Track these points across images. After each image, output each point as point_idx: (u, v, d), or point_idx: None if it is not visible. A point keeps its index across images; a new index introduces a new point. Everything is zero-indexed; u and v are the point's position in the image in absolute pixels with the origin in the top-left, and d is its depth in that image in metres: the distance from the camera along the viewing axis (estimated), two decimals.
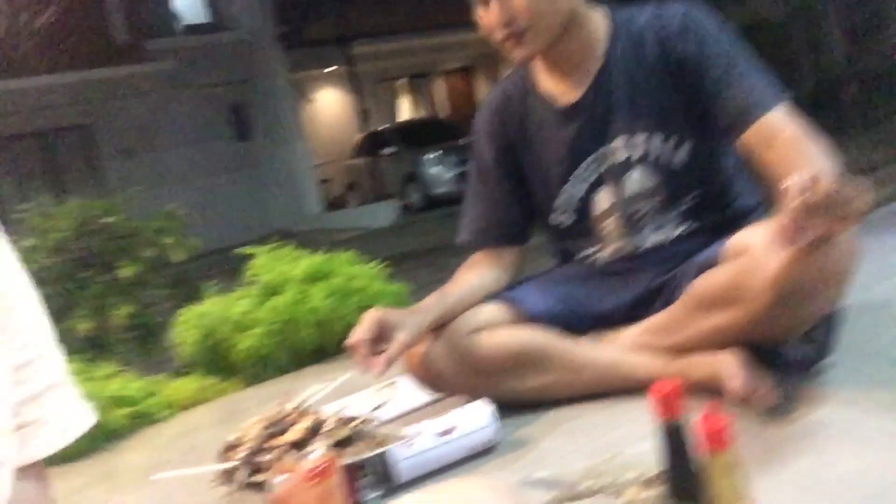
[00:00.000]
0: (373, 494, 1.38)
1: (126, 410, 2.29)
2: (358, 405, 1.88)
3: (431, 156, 13.28)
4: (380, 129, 14.83)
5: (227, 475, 1.24)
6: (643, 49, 1.56)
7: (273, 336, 2.53)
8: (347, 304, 2.63)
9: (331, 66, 16.03)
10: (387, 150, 14.11)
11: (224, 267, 3.33)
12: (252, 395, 2.42)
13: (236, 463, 1.23)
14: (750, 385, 1.31)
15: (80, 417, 0.65)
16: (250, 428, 1.39)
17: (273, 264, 2.78)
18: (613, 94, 1.58)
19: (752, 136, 1.44)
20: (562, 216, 1.70)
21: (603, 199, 1.64)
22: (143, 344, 3.23)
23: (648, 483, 1.13)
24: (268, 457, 1.23)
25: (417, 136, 14.33)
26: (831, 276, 1.26)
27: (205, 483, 1.51)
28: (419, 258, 8.84)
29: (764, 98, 1.45)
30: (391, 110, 17.14)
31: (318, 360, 2.59)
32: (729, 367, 1.35)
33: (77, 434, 0.64)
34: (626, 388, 1.54)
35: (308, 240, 3.84)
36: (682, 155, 1.57)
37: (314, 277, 2.70)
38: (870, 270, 1.49)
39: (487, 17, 1.54)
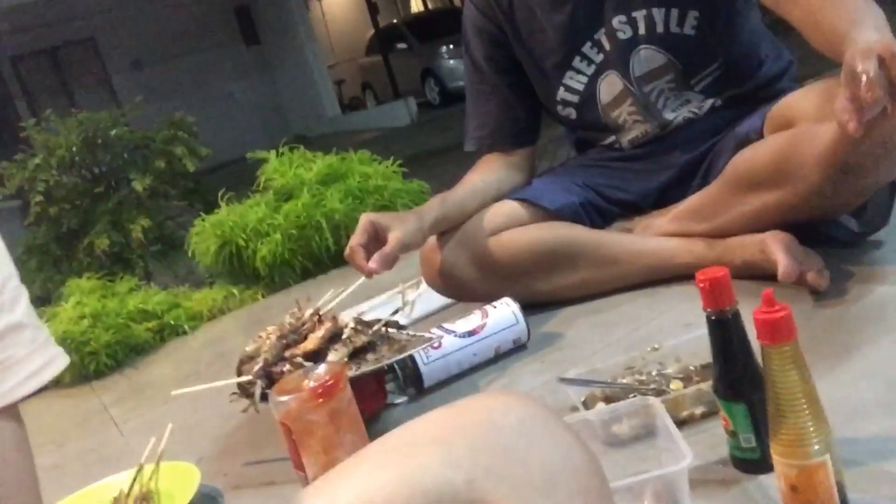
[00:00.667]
0: (401, 399, 1.34)
1: (150, 324, 2.25)
2: (380, 308, 1.83)
3: (447, 49, 12.85)
4: (392, 23, 14.35)
5: (245, 389, 1.18)
6: None
7: (291, 241, 2.46)
8: (365, 204, 2.54)
9: None
10: (400, 46, 13.68)
11: (242, 177, 3.25)
12: (274, 303, 2.38)
13: (251, 378, 1.17)
14: (799, 267, 1.21)
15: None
16: (266, 338, 1.32)
17: (286, 168, 2.68)
18: None
19: None
20: (568, 109, 1.58)
21: (610, 86, 1.52)
22: (164, 257, 3.19)
23: (693, 376, 1.06)
24: (286, 368, 1.17)
25: (432, 28, 13.82)
26: (890, 146, 1.13)
27: (226, 396, 1.48)
28: (439, 156, 8.69)
29: None
30: (403, 2, 16.52)
31: (338, 264, 2.52)
32: (776, 249, 1.24)
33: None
34: (662, 277, 1.46)
35: (326, 144, 3.71)
36: (688, 27, 1.43)
37: (329, 179, 2.61)
38: None
39: None
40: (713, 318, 0.83)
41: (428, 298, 1.76)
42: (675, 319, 1.32)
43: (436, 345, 1.19)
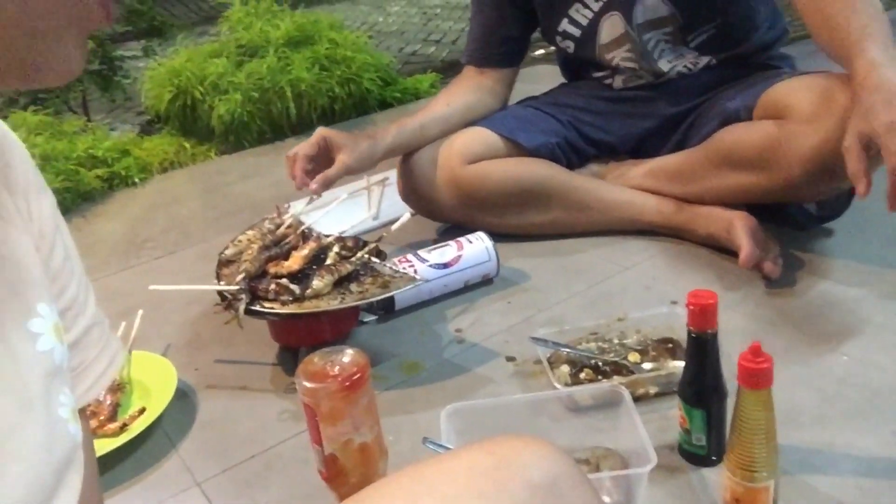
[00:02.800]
0: (370, 317, 1.40)
1: (99, 172, 2.20)
2: (346, 209, 1.84)
3: None
4: None
5: (227, 302, 1.21)
6: None
7: (251, 103, 2.39)
8: (332, 75, 2.48)
9: None
10: None
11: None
12: (231, 165, 2.34)
13: (235, 288, 1.20)
14: (758, 255, 1.31)
15: (117, 354, 0.60)
16: (246, 246, 1.34)
17: (251, 20, 2.55)
18: None
19: None
20: (566, 42, 1.57)
21: (611, 27, 1.52)
22: (107, 84, 3.03)
23: (650, 350, 1.17)
24: (271, 286, 1.20)
25: None
26: (873, 161, 1.20)
27: (193, 278, 1.51)
28: None
29: None
30: None
31: (297, 132, 2.48)
32: (742, 233, 1.33)
33: (113, 376, 0.59)
34: (629, 229, 1.54)
35: None
36: None
37: (296, 41, 2.51)
38: None
39: None
40: (694, 335, 0.91)
41: (395, 199, 1.79)
42: (635, 279, 1.41)
43: (417, 282, 1.24)
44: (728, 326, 1.10)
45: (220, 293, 1.26)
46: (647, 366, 1.14)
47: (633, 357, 1.16)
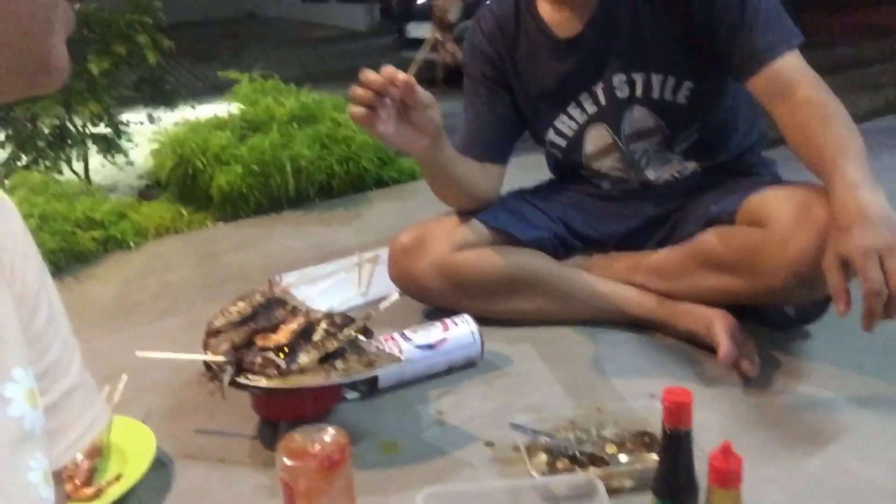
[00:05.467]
0: (353, 394, 1.41)
1: (95, 233, 2.23)
2: (336, 282, 1.88)
3: None
4: None
5: (213, 372, 1.23)
6: None
7: (251, 176, 2.46)
8: (332, 153, 2.56)
9: None
10: None
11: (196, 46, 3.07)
12: (226, 235, 2.39)
13: (221, 359, 1.22)
14: (737, 354, 1.34)
15: (99, 417, 0.60)
16: (237, 314, 1.36)
17: (257, 96, 2.64)
18: (614, 31, 1.47)
19: (760, 82, 1.36)
20: (554, 149, 1.63)
21: (598, 138, 1.57)
22: (108, 146, 3.10)
23: (627, 443, 1.18)
24: (257, 359, 1.22)
25: None
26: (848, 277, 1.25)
27: (181, 345, 1.52)
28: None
29: (775, 43, 1.35)
30: None
31: (294, 206, 2.54)
32: (721, 331, 1.36)
33: (93, 438, 0.59)
34: (612, 320, 1.57)
35: (282, 30, 3.60)
36: (682, 94, 1.49)
37: (300, 119, 2.59)
38: None
39: None
40: (669, 432, 0.93)
41: (385, 277, 1.82)
42: (616, 370, 1.44)
43: (401, 363, 1.26)
44: (704, 423, 1.12)
45: (206, 363, 1.27)
46: (623, 458, 1.15)
47: (610, 449, 1.17)
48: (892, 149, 3.30)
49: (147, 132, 2.83)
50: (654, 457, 1.10)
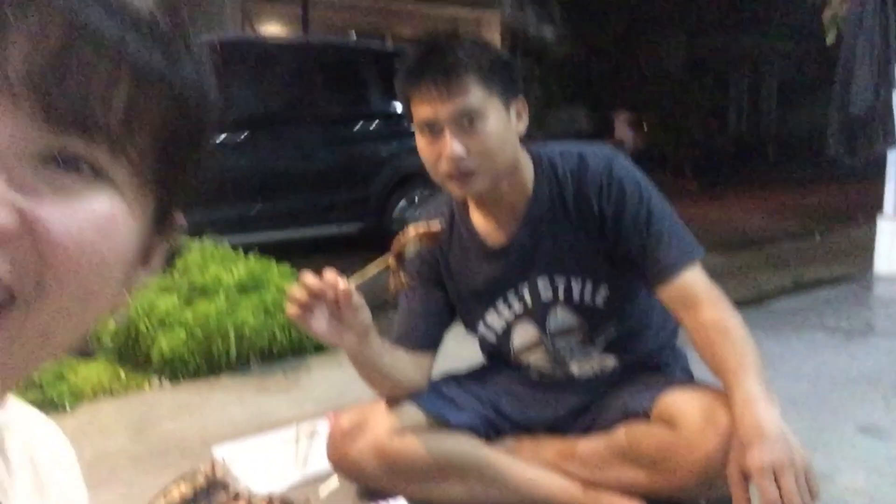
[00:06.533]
0: None
1: (31, 395, 2.23)
2: (279, 463, 1.92)
3: None
4: None
5: None
6: (565, 196, 1.60)
7: (195, 341, 2.51)
8: (275, 319, 2.64)
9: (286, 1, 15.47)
10: None
11: None
12: (163, 400, 2.41)
13: None
14: None
15: None
16: (174, 498, 1.40)
17: (206, 263, 2.74)
18: (538, 238, 1.63)
19: (668, 293, 1.53)
20: (484, 341, 1.77)
21: (525, 334, 1.71)
22: None
23: None
24: None
25: None
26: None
27: None
28: None
29: (678, 259, 1.52)
30: None
31: (233, 370, 2.59)
32: None
33: None
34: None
35: None
36: (600, 297, 1.65)
37: (246, 286, 2.69)
38: None
39: (434, 148, 1.51)
40: None
41: (322, 453, 1.88)
42: None
43: None
44: None
45: None
46: None
47: None
48: (799, 329, 3.57)
49: None
50: None
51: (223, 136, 4.80)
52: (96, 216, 0.40)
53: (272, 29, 16.07)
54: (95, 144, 0.39)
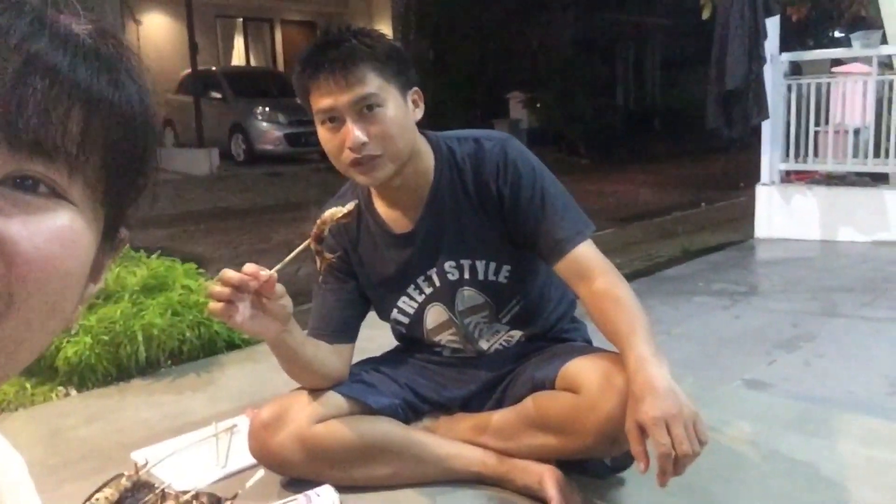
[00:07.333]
0: None
1: None
2: (201, 461, 1.93)
3: (261, 109, 12.88)
4: (210, 69, 14.08)
5: None
6: (465, 181, 1.69)
7: (100, 346, 2.47)
8: (183, 319, 2.62)
9: None
10: (214, 94, 13.48)
11: None
12: (74, 408, 2.36)
13: None
14: (565, 502, 1.55)
15: None
16: (105, 501, 1.41)
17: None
18: (442, 223, 1.71)
19: (563, 266, 1.63)
20: (399, 325, 1.85)
21: (436, 315, 1.80)
22: None
23: None
24: None
25: (249, 84, 13.79)
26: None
27: None
28: (236, 216, 8.64)
29: (572, 234, 1.63)
30: (225, 51, 16.35)
31: (144, 373, 2.56)
32: (550, 485, 1.58)
33: None
34: (459, 479, 1.74)
35: None
36: (503, 276, 1.74)
37: (151, 287, 2.66)
38: None
39: (336, 137, 1.56)
40: None
41: (243, 448, 1.90)
42: None
43: None
44: None
45: None
46: None
47: None
48: (689, 294, 3.81)
49: None
50: None
51: None
52: (60, 231, 0.43)
53: (155, 19, 15.50)
54: (55, 167, 0.43)
